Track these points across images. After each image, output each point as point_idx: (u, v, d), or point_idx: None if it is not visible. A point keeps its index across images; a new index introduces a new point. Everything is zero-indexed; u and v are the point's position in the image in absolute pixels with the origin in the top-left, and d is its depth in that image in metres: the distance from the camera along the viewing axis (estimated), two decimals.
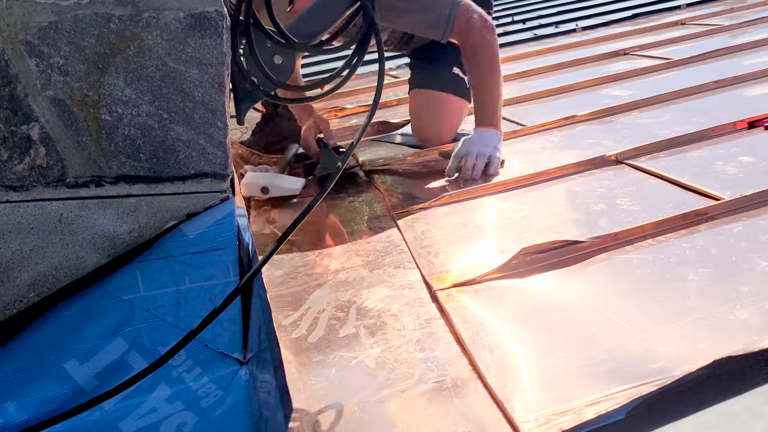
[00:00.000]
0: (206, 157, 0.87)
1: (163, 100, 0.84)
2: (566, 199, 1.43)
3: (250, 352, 0.88)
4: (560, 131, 1.91)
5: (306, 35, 1.06)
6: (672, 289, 1.01)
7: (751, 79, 2.05)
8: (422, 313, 1.07)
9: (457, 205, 1.49)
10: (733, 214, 1.22)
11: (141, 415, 0.84)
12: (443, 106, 1.95)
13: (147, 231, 0.87)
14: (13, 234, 0.84)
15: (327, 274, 1.28)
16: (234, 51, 0.88)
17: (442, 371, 0.92)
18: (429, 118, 1.94)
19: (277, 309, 1.15)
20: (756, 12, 3.07)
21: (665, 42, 2.81)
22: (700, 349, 0.84)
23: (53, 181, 0.84)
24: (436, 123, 1.95)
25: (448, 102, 1.96)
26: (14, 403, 0.82)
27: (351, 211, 1.62)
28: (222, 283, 0.87)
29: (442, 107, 1.95)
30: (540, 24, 3.80)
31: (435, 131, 1.96)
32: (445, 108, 1.96)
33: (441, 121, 1.96)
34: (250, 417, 0.86)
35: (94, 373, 0.84)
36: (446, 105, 1.96)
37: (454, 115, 2.00)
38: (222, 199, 0.89)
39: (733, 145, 1.57)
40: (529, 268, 1.14)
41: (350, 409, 0.88)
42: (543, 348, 0.93)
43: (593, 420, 0.76)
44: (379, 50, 1.01)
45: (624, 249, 1.16)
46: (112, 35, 0.80)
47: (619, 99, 2.09)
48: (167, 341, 0.84)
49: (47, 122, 0.82)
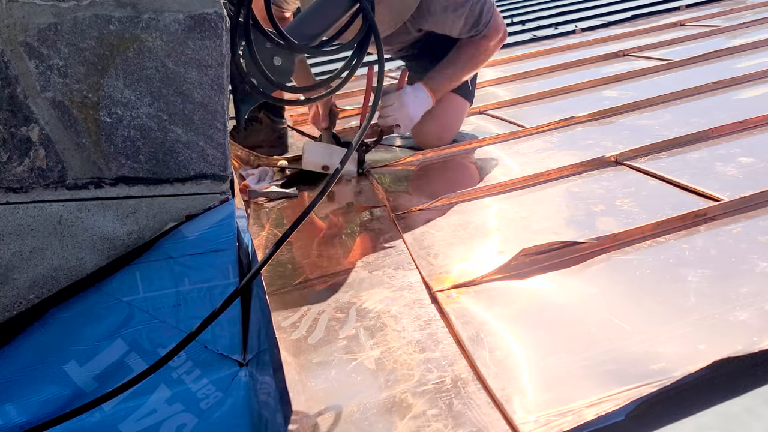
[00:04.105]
0: (206, 158, 0.87)
1: (163, 101, 0.84)
2: (566, 200, 1.43)
3: (250, 354, 0.88)
4: (560, 132, 1.91)
5: (305, 36, 1.06)
6: (672, 290, 1.01)
7: (751, 80, 2.05)
8: (422, 315, 1.07)
9: (457, 207, 1.49)
10: (732, 215, 1.22)
11: (141, 416, 0.84)
12: (446, 108, 1.94)
13: (146, 232, 0.87)
14: (12, 236, 0.84)
15: (326, 276, 1.28)
16: (233, 52, 0.88)
17: (441, 372, 0.92)
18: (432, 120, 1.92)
19: (276, 310, 1.15)
20: (755, 13, 3.08)
21: (664, 43, 2.81)
22: (700, 350, 0.85)
23: (53, 182, 0.84)
24: (439, 124, 1.94)
25: (451, 102, 1.95)
26: (14, 405, 0.82)
27: (350, 213, 1.62)
28: (221, 285, 0.87)
29: (445, 108, 1.94)
30: (539, 25, 3.80)
31: (436, 133, 1.95)
32: (448, 109, 1.95)
33: (444, 123, 1.95)
34: (249, 418, 0.86)
35: (93, 374, 0.84)
36: (449, 106, 1.95)
37: (456, 117, 1.99)
38: (222, 200, 0.89)
39: (732, 145, 1.57)
40: (529, 269, 1.14)
41: (350, 410, 0.88)
42: (543, 349, 0.93)
43: (593, 421, 0.76)
44: (379, 51, 1.01)
45: (624, 250, 1.16)
46: (112, 37, 0.81)
47: (618, 100, 2.09)
48: (167, 343, 0.84)
49: (47, 124, 0.82)
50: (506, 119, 2.14)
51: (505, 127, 2.05)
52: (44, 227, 0.84)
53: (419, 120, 1.98)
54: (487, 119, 2.20)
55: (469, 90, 2.02)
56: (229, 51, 0.86)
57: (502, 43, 1.90)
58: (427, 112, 1.92)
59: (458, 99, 1.98)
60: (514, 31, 3.76)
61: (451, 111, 1.97)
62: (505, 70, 2.84)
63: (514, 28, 3.85)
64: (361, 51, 1.02)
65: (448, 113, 1.97)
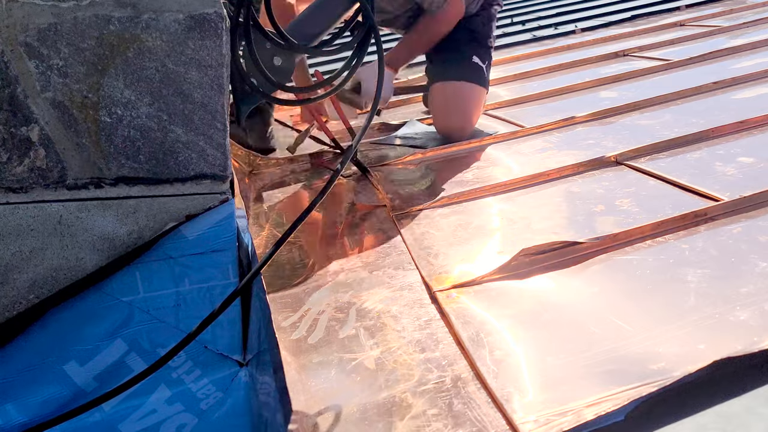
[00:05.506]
0: (206, 158, 0.87)
1: (163, 101, 0.84)
2: (566, 200, 1.43)
3: (250, 354, 0.88)
4: (560, 132, 1.91)
5: (305, 36, 1.06)
6: (671, 290, 1.01)
7: (751, 80, 2.05)
8: (422, 315, 1.07)
9: (457, 206, 1.49)
10: (732, 215, 1.22)
11: (141, 416, 0.84)
12: (467, 98, 1.98)
13: (146, 232, 0.88)
14: (12, 236, 0.84)
15: (326, 276, 1.28)
16: (233, 52, 0.88)
17: (441, 372, 0.92)
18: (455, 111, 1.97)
19: (276, 310, 1.15)
20: (755, 13, 3.08)
21: (664, 43, 2.81)
22: (700, 350, 0.85)
23: (53, 182, 0.84)
24: (462, 115, 1.98)
25: (471, 92, 1.99)
26: (14, 405, 0.82)
27: (350, 213, 1.62)
28: (221, 285, 0.87)
29: (465, 99, 1.98)
30: (539, 25, 3.80)
31: (459, 124, 1.99)
32: (468, 99, 1.99)
33: (466, 113, 2.00)
34: (249, 419, 0.86)
35: (93, 374, 0.84)
36: (469, 96, 1.99)
37: (477, 106, 2.04)
38: (221, 200, 0.89)
39: (732, 145, 1.57)
40: (529, 269, 1.14)
41: (350, 410, 0.87)
42: (543, 349, 0.93)
43: (593, 421, 0.76)
44: (379, 51, 1.01)
45: (623, 250, 1.16)
46: (112, 37, 0.81)
47: (618, 100, 2.09)
48: (167, 343, 0.84)
49: (47, 124, 0.82)
50: (506, 119, 2.14)
51: (505, 127, 2.05)
52: (44, 227, 0.84)
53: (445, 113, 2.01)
54: (487, 119, 2.20)
55: (484, 77, 2.05)
56: (229, 51, 0.86)
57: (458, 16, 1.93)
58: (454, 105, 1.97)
59: (480, 88, 2.03)
60: (514, 31, 3.76)
61: (475, 101, 2.02)
62: (505, 70, 2.84)
63: (514, 28, 3.85)
64: (361, 51, 1.02)
65: (473, 103, 2.01)
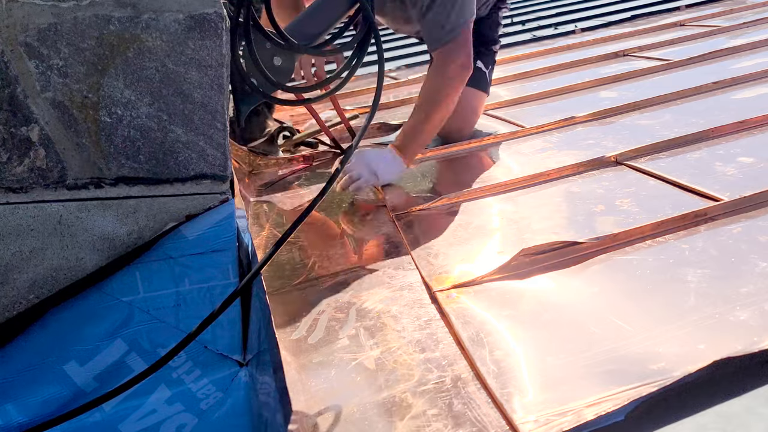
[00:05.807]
0: (206, 158, 0.87)
1: (163, 101, 0.84)
2: (566, 200, 1.43)
3: (250, 354, 0.88)
4: (560, 132, 1.91)
5: (306, 36, 1.06)
6: (671, 290, 1.01)
7: (750, 80, 2.05)
8: (422, 315, 1.07)
9: (457, 207, 1.49)
10: (732, 215, 1.22)
11: (141, 416, 0.84)
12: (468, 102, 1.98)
13: (146, 232, 0.88)
14: (12, 236, 0.84)
15: (326, 276, 1.28)
16: (233, 52, 0.88)
17: (441, 372, 0.92)
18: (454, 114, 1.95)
19: (276, 310, 1.15)
20: (755, 13, 3.08)
21: (664, 43, 2.81)
22: (700, 350, 0.85)
23: (53, 182, 0.84)
24: (460, 119, 1.98)
25: (471, 97, 1.99)
26: (14, 405, 0.82)
27: (350, 213, 1.62)
28: (221, 285, 0.87)
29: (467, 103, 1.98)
30: (539, 25, 3.80)
31: (458, 126, 1.99)
32: (469, 104, 2.00)
33: (464, 117, 2.00)
34: (249, 418, 0.86)
35: (93, 374, 0.84)
36: (470, 100, 2.00)
37: (476, 111, 2.06)
38: (222, 200, 0.89)
39: (732, 145, 1.57)
40: (529, 269, 1.14)
41: (350, 410, 0.87)
42: (543, 349, 0.93)
43: (593, 421, 0.76)
44: (379, 51, 1.01)
45: (623, 250, 1.16)
46: (112, 37, 0.81)
47: (618, 100, 2.09)
48: (167, 343, 0.84)
49: (47, 124, 0.82)
50: (506, 119, 2.14)
51: (505, 127, 2.05)
52: (44, 227, 0.84)
53: None
54: (487, 119, 2.20)
55: (486, 81, 2.05)
56: (229, 51, 0.86)
57: (466, 78, 1.77)
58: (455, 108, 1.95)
59: (481, 93, 2.04)
60: (514, 31, 3.76)
61: (476, 106, 2.04)
62: (505, 70, 2.84)
63: (514, 28, 3.84)
64: (361, 51, 1.02)
65: (473, 108, 2.03)
